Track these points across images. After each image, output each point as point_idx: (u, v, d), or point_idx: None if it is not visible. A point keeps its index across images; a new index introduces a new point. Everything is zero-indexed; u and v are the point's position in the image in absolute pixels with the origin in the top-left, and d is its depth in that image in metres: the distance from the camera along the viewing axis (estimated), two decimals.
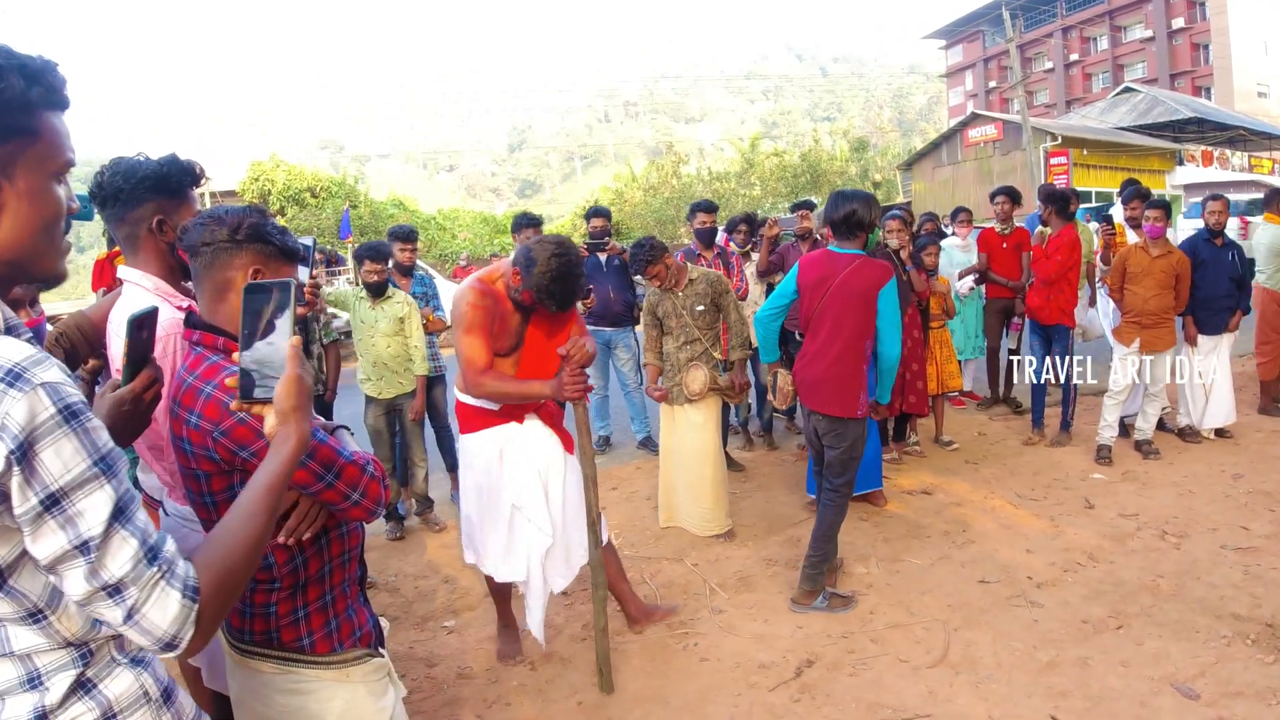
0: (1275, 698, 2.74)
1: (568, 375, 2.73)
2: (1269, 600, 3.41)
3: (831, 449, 3.54)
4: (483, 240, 22.90)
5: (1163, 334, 5.24)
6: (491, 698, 3.06)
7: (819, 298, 3.49)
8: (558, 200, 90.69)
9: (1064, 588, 3.64)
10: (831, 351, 3.46)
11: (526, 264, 2.76)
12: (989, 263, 6.50)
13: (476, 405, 3.01)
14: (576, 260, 2.78)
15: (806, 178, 31.90)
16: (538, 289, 2.75)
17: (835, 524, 3.58)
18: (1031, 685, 2.90)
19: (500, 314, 2.89)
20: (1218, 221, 5.55)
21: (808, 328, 3.59)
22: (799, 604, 3.56)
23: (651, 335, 4.60)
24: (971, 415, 6.68)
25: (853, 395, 3.46)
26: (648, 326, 4.63)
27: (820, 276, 3.49)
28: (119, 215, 1.91)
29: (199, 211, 1.73)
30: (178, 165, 1.92)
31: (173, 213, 1.92)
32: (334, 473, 1.52)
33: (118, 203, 1.89)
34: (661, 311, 4.53)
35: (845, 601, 3.56)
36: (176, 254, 1.93)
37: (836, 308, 3.45)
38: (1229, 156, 33.50)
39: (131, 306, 1.89)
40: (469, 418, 3.08)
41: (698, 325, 4.47)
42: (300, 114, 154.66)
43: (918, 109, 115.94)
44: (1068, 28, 51.28)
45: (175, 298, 1.94)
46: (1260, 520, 4.25)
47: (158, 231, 1.91)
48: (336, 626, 1.66)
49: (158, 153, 1.97)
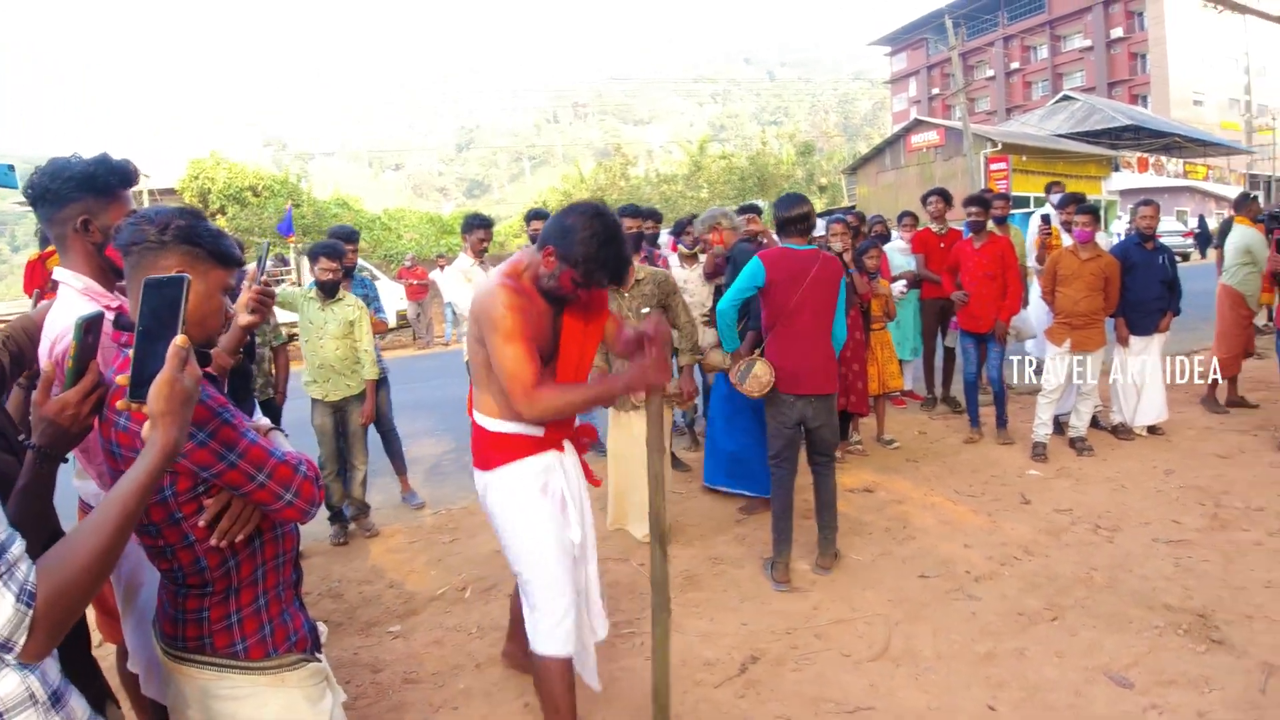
0: (1208, 686, 2.85)
1: (656, 356, 2.34)
2: (1200, 592, 3.55)
3: (823, 426, 3.87)
4: (429, 240, 22.60)
5: (1093, 334, 5.43)
6: (438, 702, 3.03)
7: (795, 291, 3.74)
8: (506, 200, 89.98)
9: (1001, 581, 3.75)
10: (816, 338, 3.80)
11: (563, 237, 2.28)
12: (926, 263, 6.68)
13: (513, 431, 2.41)
14: (617, 220, 2.38)
15: (754, 181, 32.27)
16: (586, 261, 2.27)
17: (835, 489, 3.97)
18: (970, 676, 2.99)
19: (534, 314, 2.34)
20: (1148, 226, 5.77)
21: (780, 319, 3.77)
22: (824, 568, 3.92)
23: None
24: (913, 415, 6.83)
25: (835, 373, 3.92)
26: None
27: (793, 271, 3.77)
28: (48, 215, 1.88)
29: (132, 211, 1.70)
30: (106, 165, 1.89)
31: (100, 213, 1.89)
32: (265, 473, 1.50)
33: (46, 202, 1.86)
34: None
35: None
36: (105, 254, 1.89)
37: (815, 298, 3.78)
38: (1164, 163, 34.90)
39: (66, 308, 1.86)
40: (501, 447, 2.44)
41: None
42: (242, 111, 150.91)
43: (863, 114, 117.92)
44: (1009, 36, 52.80)
45: (105, 297, 1.90)
46: (1191, 514, 4.43)
47: (83, 231, 1.88)
48: (271, 631, 1.64)
49: (91, 151, 1.93)
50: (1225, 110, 45.61)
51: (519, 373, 2.24)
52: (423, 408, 8.38)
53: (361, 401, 4.74)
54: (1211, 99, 45.38)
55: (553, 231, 2.31)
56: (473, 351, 2.42)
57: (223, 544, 1.52)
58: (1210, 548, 4.00)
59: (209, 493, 1.52)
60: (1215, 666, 2.97)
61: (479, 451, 2.50)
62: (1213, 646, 3.11)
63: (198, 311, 1.57)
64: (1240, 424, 6.02)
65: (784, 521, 3.85)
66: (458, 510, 5.21)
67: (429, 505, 5.34)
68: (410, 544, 4.70)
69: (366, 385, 4.73)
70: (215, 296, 1.61)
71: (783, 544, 3.84)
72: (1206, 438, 5.78)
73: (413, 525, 4.99)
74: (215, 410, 1.46)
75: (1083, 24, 48.68)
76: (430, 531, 4.87)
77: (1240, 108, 45.55)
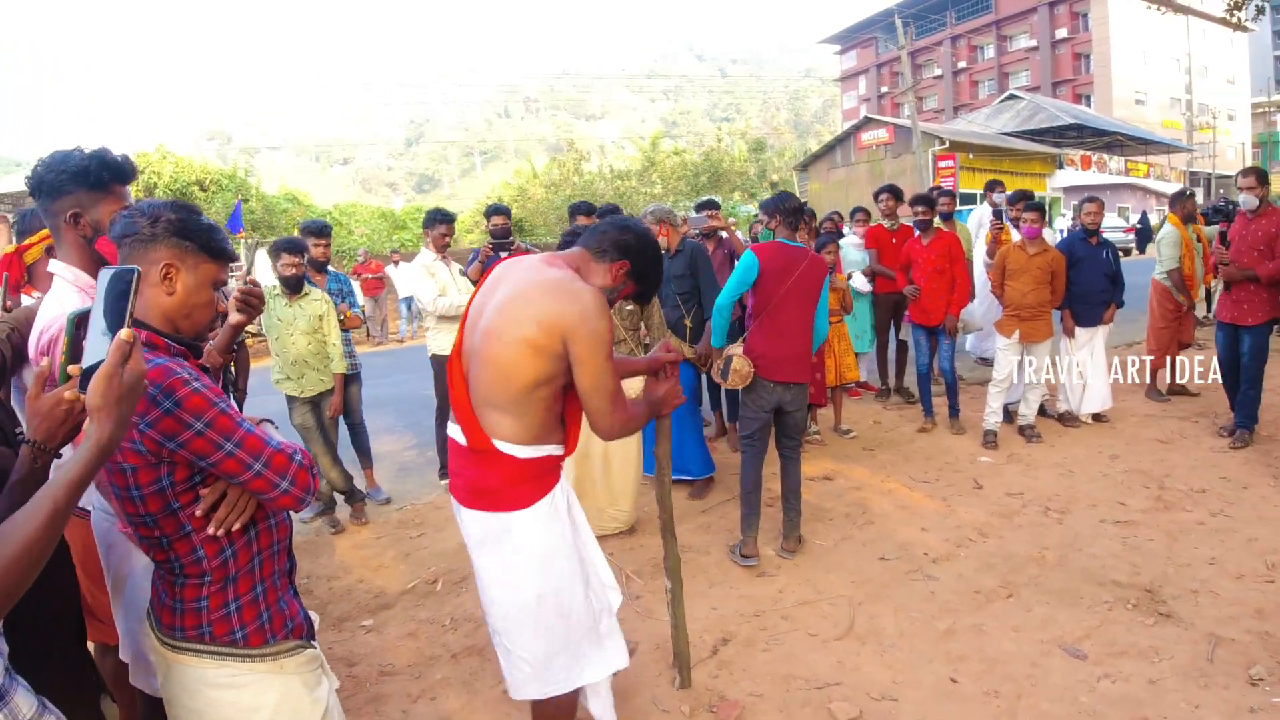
0: (1157, 656, 3.02)
1: (673, 379, 2.41)
2: (1147, 569, 3.75)
3: (797, 412, 4.05)
4: (381, 236, 22.31)
5: (1040, 326, 5.66)
6: (416, 692, 3.07)
7: (784, 283, 3.90)
8: (457, 196, 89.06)
9: (957, 562, 3.91)
10: (798, 329, 3.99)
11: (640, 254, 2.22)
12: (879, 258, 6.86)
13: (545, 454, 2.15)
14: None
15: (707, 177, 32.46)
16: (652, 279, 2.26)
17: (800, 474, 4.19)
18: (932, 651, 3.13)
19: None
20: (1093, 221, 6.02)
21: (766, 309, 3.93)
22: (789, 551, 4.06)
23: None
24: (867, 405, 7.01)
25: (810, 364, 4.12)
26: None
27: (783, 266, 3.94)
28: (46, 206, 1.91)
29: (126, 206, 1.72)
30: (101, 159, 1.91)
31: (90, 207, 1.91)
32: (262, 461, 1.53)
33: (43, 194, 1.89)
34: None
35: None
36: (94, 248, 1.91)
37: (800, 292, 3.95)
38: (1106, 161, 36.02)
39: (58, 299, 1.87)
40: (536, 475, 2.14)
41: (625, 325, 4.35)
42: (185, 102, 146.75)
43: (813, 111, 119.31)
44: (956, 36, 53.78)
45: (94, 289, 1.91)
46: (1136, 497, 4.65)
47: (73, 224, 1.90)
48: (269, 619, 1.67)
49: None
50: (1166, 109, 46.90)
51: (615, 388, 2.08)
52: (381, 404, 8.34)
53: (333, 395, 4.74)
54: (1153, 98, 46.53)
55: (629, 247, 2.21)
56: (514, 366, 2.02)
57: (219, 533, 1.55)
58: (1155, 528, 4.21)
59: (205, 483, 1.55)
60: (1164, 638, 3.15)
61: (503, 489, 2.10)
62: (1160, 620, 3.29)
63: (186, 303, 1.60)
64: (1181, 411, 6.31)
65: (753, 497, 4.00)
66: (423, 505, 5.22)
67: (393, 501, 5.34)
68: (377, 539, 4.70)
69: (335, 379, 4.72)
70: (205, 289, 1.63)
71: (751, 519, 4.00)
72: (1149, 424, 6.04)
73: (379, 520, 4.99)
74: (212, 400, 1.49)
75: (1028, 24, 49.68)
76: (396, 527, 4.88)
77: (1181, 107, 47.00)
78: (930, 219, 6.06)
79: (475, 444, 2.09)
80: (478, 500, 2.13)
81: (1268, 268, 5.11)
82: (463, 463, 2.16)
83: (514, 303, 2.04)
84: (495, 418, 2.07)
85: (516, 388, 2.03)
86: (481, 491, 2.12)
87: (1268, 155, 48.58)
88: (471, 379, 2.11)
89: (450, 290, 5.22)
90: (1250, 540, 4.01)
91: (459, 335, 2.20)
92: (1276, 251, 5.10)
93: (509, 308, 2.04)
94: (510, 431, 2.07)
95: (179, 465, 1.51)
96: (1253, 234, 5.24)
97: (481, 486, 2.12)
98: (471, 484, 2.14)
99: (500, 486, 2.10)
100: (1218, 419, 5.91)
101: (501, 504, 2.10)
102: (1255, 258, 5.19)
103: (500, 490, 2.10)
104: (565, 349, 2.00)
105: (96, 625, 2.17)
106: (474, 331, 2.13)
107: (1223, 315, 5.53)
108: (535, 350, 1.99)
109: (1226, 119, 48.54)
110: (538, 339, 1.99)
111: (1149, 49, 45.38)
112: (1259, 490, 4.65)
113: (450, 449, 2.22)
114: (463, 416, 2.11)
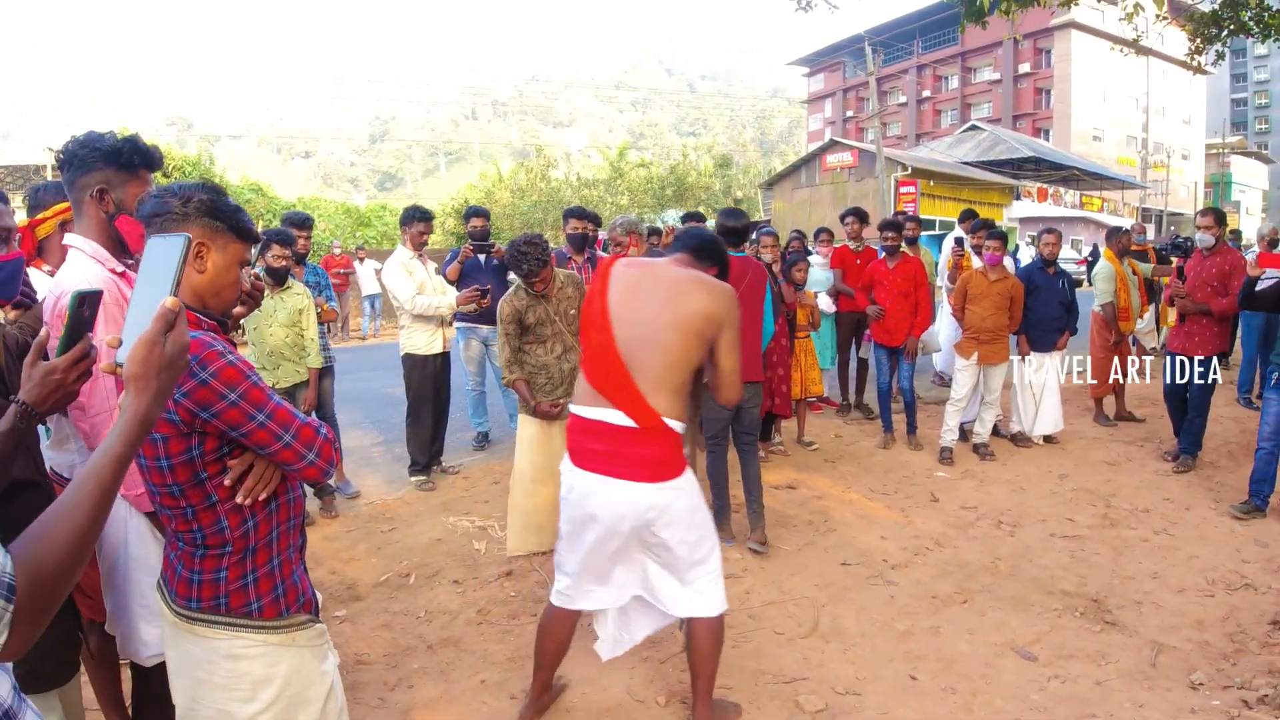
0: (1104, 660, 3.22)
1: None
2: (1093, 580, 3.97)
3: (753, 409, 4.38)
4: (344, 232, 22.09)
5: (998, 349, 5.91)
6: (393, 681, 3.12)
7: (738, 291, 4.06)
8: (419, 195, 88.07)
9: (915, 568, 4.09)
10: (750, 332, 4.20)
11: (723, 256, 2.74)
12: (843, 278, 7.09)
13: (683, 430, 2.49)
14: None
15: (673, 190, 32.73)
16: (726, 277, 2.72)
17: (759, 467, 4.50)
18: (892, 651, 3.29)
19: None
20: (1051, 252, 6.31)
21: None
22: (760, 543, 4.26)
23: (514, 345, 4.13)
24: (828, 419, 7.21)
25: (761, 363, 4.44)
26: (509, 337, 4.11)
27: (738, 274, 4.15)
28: (72, 180, 2.00)
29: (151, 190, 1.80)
30: (133, 144, 2.02)
31: (118, 186, 2.01)
32: (291, 433, 1.59)
33: (72, 167, 1.98)
34: (532, 319, 4.08)
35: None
36: (115, 225, 1.99)
37: (749, 298, 4.23)
38: (1062, 194, 37.16)
39: (74, 271, 1.95)
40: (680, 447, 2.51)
41: (573, 331, 4.17)
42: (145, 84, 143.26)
43: (779, 131, 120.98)
44: (922, 65, 55.04)
45: (109, 262, 2.02)
46: (1084, 513, 4.89)
47: (97, 199, 2.00)
48: (283, 591, 1.72)
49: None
50: (1123, 147, 48.39)
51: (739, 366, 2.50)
52: (347, 400, 8.28)
53: (306, 387, 4.76)
54: (1110, 135, 47.93)
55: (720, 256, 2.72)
56: (686, 352, 2.38)
57: (246, 502, 1.61)
58: (1101, 543, 4.45)
59: (232, 454, 1.61)
60: (1109, 644, 3.35)
61: (673, 459, 2.42)
62: (1106, 627, 3.50)
63: (216, 282, 1.67)
64: (1127, 436, 6.61)
65: (723, 489, 4.30)
66: (392, 500, 5.25)
67: (362, 495, 5.36)
68: (347, 532, 4.72)
69: (310, 373, 4.75)
70: (233, 269, 1.70)
71: (723, 510, 4.26)
72: (1096, 447, 6.33)
73: (348, 514, 5.01)
74: (245, 373, 1.55)
75: (993, 58, 50.93)
76: (366, 520, 4.90)
77: (1138, 144, 48.64)
78: (898, 244, 6.27)
79: (647, 423, 2.34)
80: (653, 472, 2.37)
81: (1220, 303, 5.37)
82: (619, 442, 2.37)
83: (679, 300, 2.39)
84: (665, 399, 2.36)
85: (687, 371, 2.40)
86: (655, 463, 2.37)
87: (1219, 195, 50.59)
88: (638, 366, 2.36)
89: (428, 288, 5.26)
90: (1191, 557, 4.26)
91: (604, 325, 2.41)
92: (1229, 288, 5.36)
93: (677, 304, 2.38)
94: (676, 410, 2.40)
95: (209, 435, 1.57)
96: (1208, 270, 5.51)
97: (655, 459, 2.37)
98: (641, 459, 2.36)
99: (671, 457, 2.40)
100: (1162, 444, 6.22)
101: (673, 472, 2.41)
102: (1209, 293, 5.45)
103: (671, 460, 2.40)
104: (718, 335, 2.40)
105: (85, 601, 2.21)
106: (632, 324, 2.39)
107: (1174, 346, 5.80)
108: (702, 339, 2.38)
109: (1181, 158, 50.29)
110: (704, 329, 2.37)
111: (1109, 87, 46.82)
112: (1200, 512, 4.92)
113: (595, 431, 2.41)
114: (629, 400, 2.35)
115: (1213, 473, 5.66)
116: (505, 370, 4.18)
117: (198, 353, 1.51)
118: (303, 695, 1.73)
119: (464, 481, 5.53)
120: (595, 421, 2.40)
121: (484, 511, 4.86)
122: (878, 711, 2.88)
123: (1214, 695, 2.98)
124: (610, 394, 2.37)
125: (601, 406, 2.39)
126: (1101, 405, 7.11)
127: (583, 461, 2.44)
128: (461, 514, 4.88)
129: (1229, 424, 6.74)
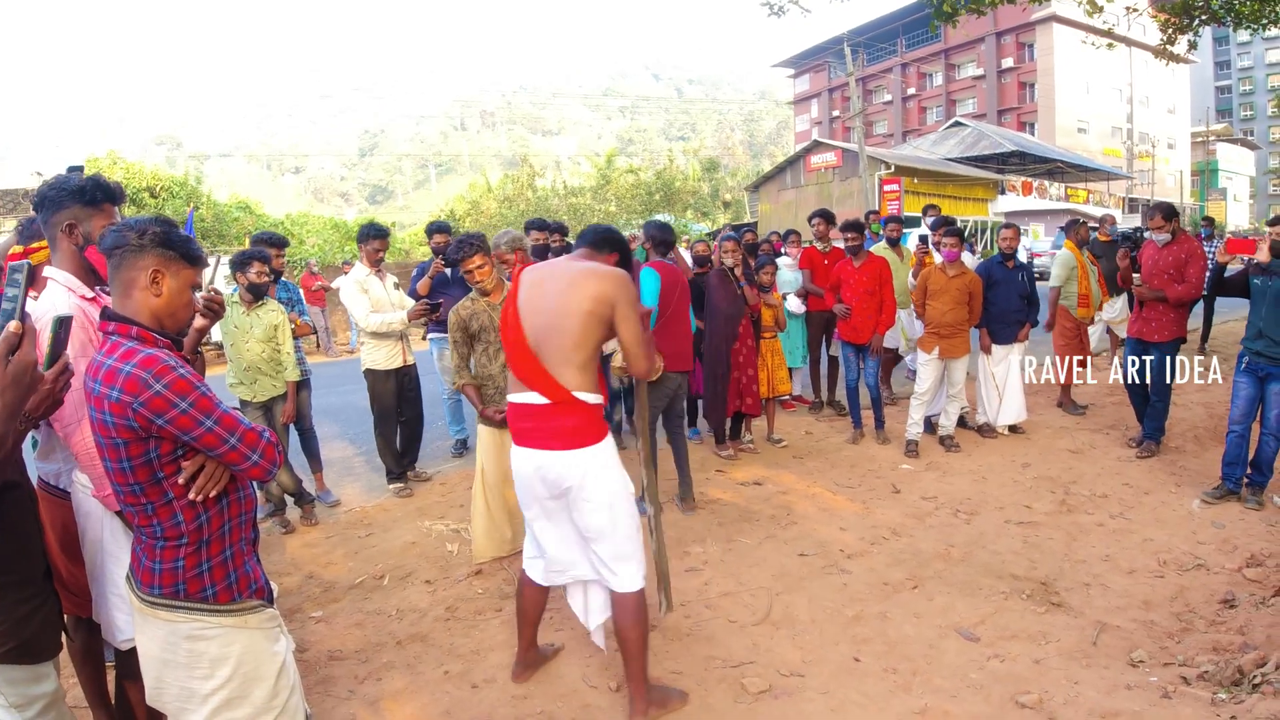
0: (1045, 639, 3.38)
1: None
2: (1043, 564, 4.13)
3: (684, 396, 5.10)
4: (333, 247, 22.22)
5: (958, 343, 6.08)
6: (363, 674, 3.28)
7: (674, 293, 4.95)
8: (410, 208, 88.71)
9: (870, 557, 4.25)
10: (685, 330, 5.02)
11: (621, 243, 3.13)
12: (812, 278, 7.26)
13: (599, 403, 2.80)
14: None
15: (660, 195, 32.98)
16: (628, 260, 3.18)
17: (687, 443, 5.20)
18: (839, 635, 3.45)
19: None
20: (1009, 246, 6.49)
21: (666, 315, 4.87)
22: (690, 506, 4.98)
23: (463, 353, 4.22)
24: (801, 417, 7.38)
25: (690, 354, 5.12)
26: (457, 344, 4.21)
27: (673, 280, 4.97)
28: (46, 218, 2.26)
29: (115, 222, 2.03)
30: (97, 182, 2.28)
31: (85, 220, 2.27)
32: (236, 436, 1.81)
33: (45, 208, 2.24)
34: (477, 325, 4.16)
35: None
36: (84, 256, 2.23)
37: (685, 300, 4.98)
38: (1047, 187, 37.36)
39: (52, 298, 2.21)
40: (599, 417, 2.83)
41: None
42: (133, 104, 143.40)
43: (767, 133, 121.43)
44: (906, 63, 55.32)
45: (79, 289, 2.28)
46: (1042, 500, 5.05)
47: (68, 233, 2.25)
48: (236, 579, 1.93)
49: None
50: (1108, 138, 48.62)
51: (648, 337, 2.80)
52: (330, 413, 8.48)
53: (285, 401, 4.92)
54: (1095, 126, 48.07)
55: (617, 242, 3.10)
56: (585, 333, 2.65)
57: (198, 499, 1.82)
58: (1056, 528, 4.61)
59: (186, 456, 1.82)
60: (1053, 624, 3.51)
61: (583, 428, 2.70)
62: (1052, 608, 3.66)
63: (171, 304, 1.90)
64: (1093, 423, 6.79)
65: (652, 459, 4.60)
66: (371, 508, 5.40)
67: (342, 503, 5.51)
68: (326, 539, 4.88)
69: (288, 386, 4.91)
70: (186, 291, 1.93)
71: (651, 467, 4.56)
72: (1062, 435, 6.50)
73: (328, 521, 5.16)
74: (194, 384, 1.77)
75: (976, 54, 51.18)
76: (345, 527, 5.06)
77: (1122, 135, 48.95)
78: (860, 244, 6.44)
79: (558, 397, 2.66)
80: (566, 440, 2.68)
81: (1177, 290, 5.51)
82: (539, 418, 2.70)
83: (571, 288, 2.67)
84: (572, 375, 2.66)
85: (589, 349, 2.67)
86: (568, 432, 2.68)
87: (1205, 183, 50.92)
88: (544, 349, 2.68)
89: (384, 305, 5.38)
90: (1145, 540, 4.42)
91: (515, 323, 2.73)
92: (1186, 275, 5.50)
93: (569, 292, 2.66)
94: (585, 384, 2.68)
95: (165, 439, 1.77)
96: (1164, 259, 5.64)
97: (567, 428, 2.68)
98: (556, 430, 2.68)
99: (584, 425, 2.70)
100: (1128, 431, 6.38)
101: (589, 439, 2.70)
102: (1165, 280, 5.59)
103: (585, 428, 2.70)
104: (612, 313, 2.66)
105: (71, 599, 2.38)
106: (537, 315, 2.70)
107: (1132, 331, 5.95)
108: (596, 318, 2.64)
109: (1166, 147, 50.66)
110: (597, 309, 2.64)
111: (1092, 79, 47.03)
112: (1159, 496, 5.08)
113: (521, 412, 2.75)
114: (542, 381, 2.67)
115: (1177, 457, 5.81)
116: (455, 375, 4.33)
117: (153, 367, 1.72)
118: (256, 673, 1.93)
119: (441, 487, 5.69)
120: (521, 404, 2.74)
121: (459, 515, 5.02)
122: (818, 691, 3.04)
123: (1153, 672, 3.11)
124: (527, 379, 2.70)
125: (523, 391, 2.73)
126: (1069, 394, 7.29)
127: (518, 439, 2.80)
128: (436, 518, 5.04)
129: (1198, 409, 6.90)
